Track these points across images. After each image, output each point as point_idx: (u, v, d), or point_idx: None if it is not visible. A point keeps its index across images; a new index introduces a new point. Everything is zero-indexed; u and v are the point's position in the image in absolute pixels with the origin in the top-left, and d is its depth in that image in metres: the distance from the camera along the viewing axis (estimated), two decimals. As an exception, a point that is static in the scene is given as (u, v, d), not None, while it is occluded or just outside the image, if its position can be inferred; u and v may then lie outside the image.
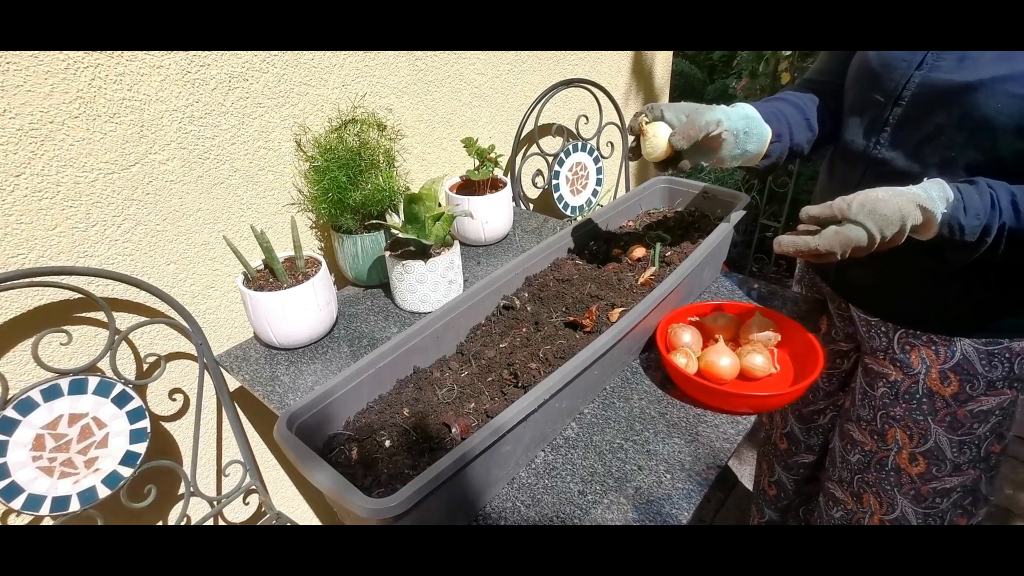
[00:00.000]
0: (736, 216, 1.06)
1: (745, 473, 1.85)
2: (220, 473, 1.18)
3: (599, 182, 1.82)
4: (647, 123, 0.84)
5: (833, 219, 0.70)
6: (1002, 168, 0.70)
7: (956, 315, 0.84)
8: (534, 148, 1.69)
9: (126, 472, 0.91)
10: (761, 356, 0.88)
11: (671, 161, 0.85)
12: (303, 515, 1.42)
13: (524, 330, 0.93)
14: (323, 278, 1.01)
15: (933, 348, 0.86)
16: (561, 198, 1.71)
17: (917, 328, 0.88)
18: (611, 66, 1.91)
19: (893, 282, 0.88)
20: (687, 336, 0.92)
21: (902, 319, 0.89)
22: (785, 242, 0.73)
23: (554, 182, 1.67)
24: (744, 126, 0.85)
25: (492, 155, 1.31)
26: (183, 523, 1.03)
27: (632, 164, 2.24)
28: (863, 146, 0.84)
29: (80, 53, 0.83)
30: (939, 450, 0.90)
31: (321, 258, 1.06)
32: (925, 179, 0.70)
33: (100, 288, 0.93)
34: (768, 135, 0.87)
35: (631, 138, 0.87)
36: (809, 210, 0.72)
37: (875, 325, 0.93)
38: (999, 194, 0.67)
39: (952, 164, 0.74)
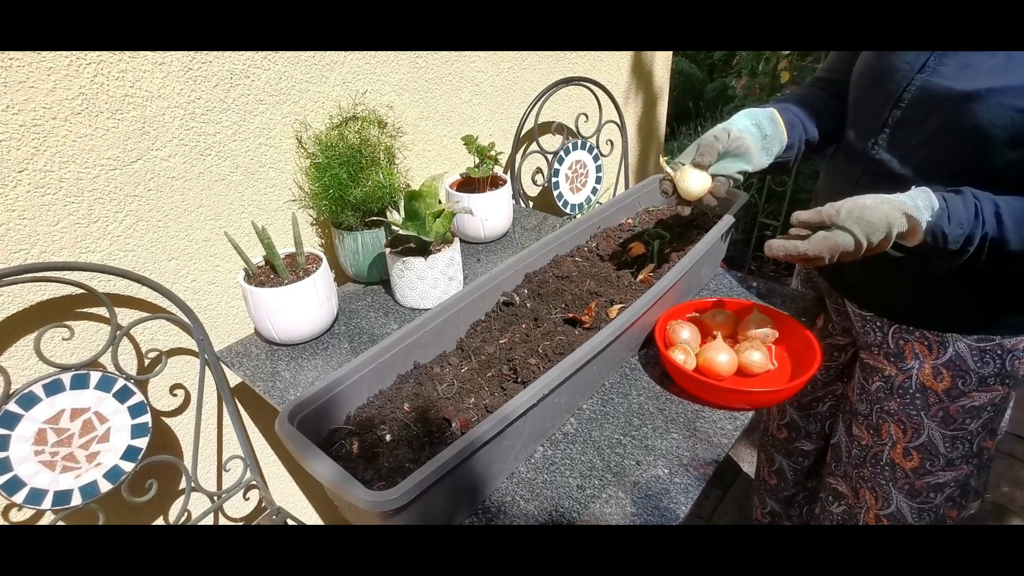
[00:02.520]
0: (735, 212, 1.07)
1: (743, 470, 1.86)
2: (221, 468, 1.19)
3: (598, 180, 1.83)
4: (675, 172, 0.86)
5: (822, 224, 0.72)
6: (994, 177, 0.71)
7: (949, 312, 0.84)
8: (534, 146, 1.70)
9: (127, 467, 0.92)
10: (759, 352, 0.88)
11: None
12: (303, 511, 1.43)
13: (524, 326, 0.94)
14: (324, 274, 1.02)
15: (926, 344, 0.87)
16: (561, 196, 1.71)
17: (911, 324, 0.89)
18: (611, 64, 1.92)
19: (888, 279, 0.89)
20: (685, 333, 0.92)
21: (896, 315, 0.90)
22: (775, 246, 0.75)
23: (554, 180, 1.67)
24: (750, 120, 0.87)
25: (492, 153, 1.32)
26: (184, 518, 1.04)
27: (632, 161, 2.24)
28: (862, 146, 0.85)
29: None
30: (932, 445, 0.91)
31: (322, 255, 1.06)
32: (913, 187, 0.71)
33: (102, 284, 0.94)
34: (776, 114, 0.89)
35: (667, 193, 0.89)
36: (799, 215, 0.75)
37: (870, 320, 0.94)
38: (983, 205, 0.68)
39: (944, 170, 0.74)
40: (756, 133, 0.86)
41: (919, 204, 0.69)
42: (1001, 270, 0.74)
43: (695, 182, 0.85)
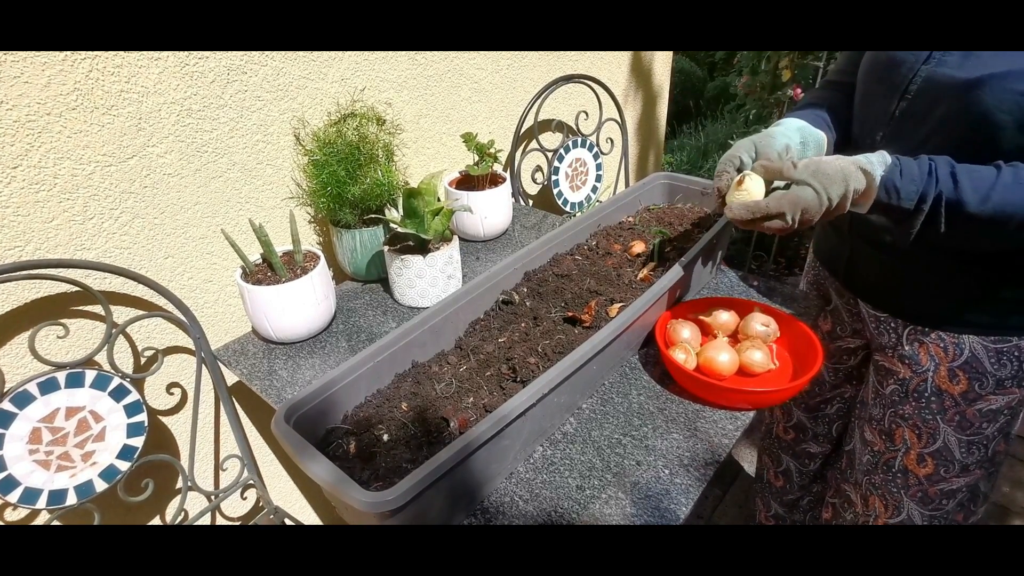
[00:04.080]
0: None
1: (744, 470, 1.85)
2: (218, 468, 1.18)
3: (598, 178, 1.82)
4: (739, 179, 0.79)
5: (780, 173, 0.73)
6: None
7: (964, 312, 0.83)
8: (534, 144, 1.69)
9: (123, 466, 0.91)
10: (760, 352, 0.87)
11: None
12: (301, 510, 1.42)
13: (523, 325, 0.93)
14: (321, 272, 1.01)
15: (941, 345, 0.86)
16: (560, 194, 1.70)
17: (925, 324, 0.87)
18: (611, 62, 1.91)
19: (901, 277, 0.87)
20: (686, 332, 0.92)
21: (910, 315, 0.89)
22: (736, 205, 0.74)
23: (553, 178, 1.67)
24: (799, 138, 0.86)
25: (491, 150, 1.31)
26: (180, 517, 1.03)
27: (632, 159, 2.24)
28: (868, 139, 0.84)
29: (77, 44, 0.82)
30: (947, 450, 0.89)
31: (320, 252, 1.06)
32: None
33: (97, 281, 0.93)
34: (823, 138, 0.88)
35: (717, 198, 0.81)
36: (761, 161, 0.76)
37: (884, 321, 0.93)
38: (938, 164, 0.69)
39: (954, 159, 0.74)
40: (800, 152, 0.84)
41: (872, 160, 0.71)
42: (966, 242, 0.74)
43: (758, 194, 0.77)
